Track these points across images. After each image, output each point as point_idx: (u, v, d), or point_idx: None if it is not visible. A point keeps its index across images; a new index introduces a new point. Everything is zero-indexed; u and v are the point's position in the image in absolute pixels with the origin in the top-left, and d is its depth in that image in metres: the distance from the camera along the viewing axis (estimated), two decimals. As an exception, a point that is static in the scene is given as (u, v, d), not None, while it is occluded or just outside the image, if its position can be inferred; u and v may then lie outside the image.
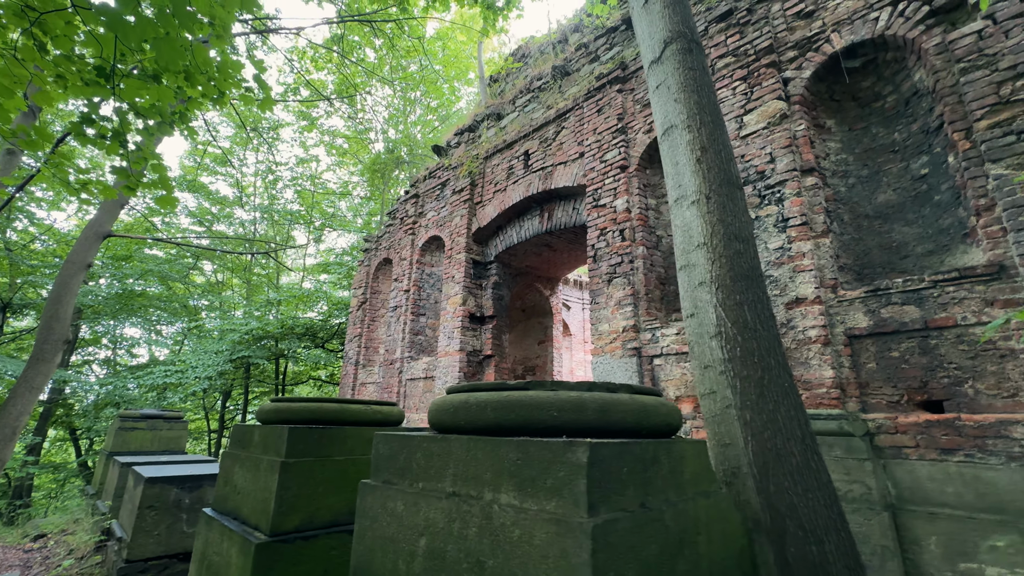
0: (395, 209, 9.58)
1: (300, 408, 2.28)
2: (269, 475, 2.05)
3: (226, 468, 2.46)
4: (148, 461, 5.16)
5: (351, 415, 2.35)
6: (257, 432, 2.33)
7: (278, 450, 2.09)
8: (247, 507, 2.15)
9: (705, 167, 1.84)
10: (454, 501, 1.09)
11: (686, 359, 4.48)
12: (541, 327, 8.64)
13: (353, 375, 9.19)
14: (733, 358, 1.57)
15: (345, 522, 2.16)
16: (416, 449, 1.28)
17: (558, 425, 1.08)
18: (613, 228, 5.34)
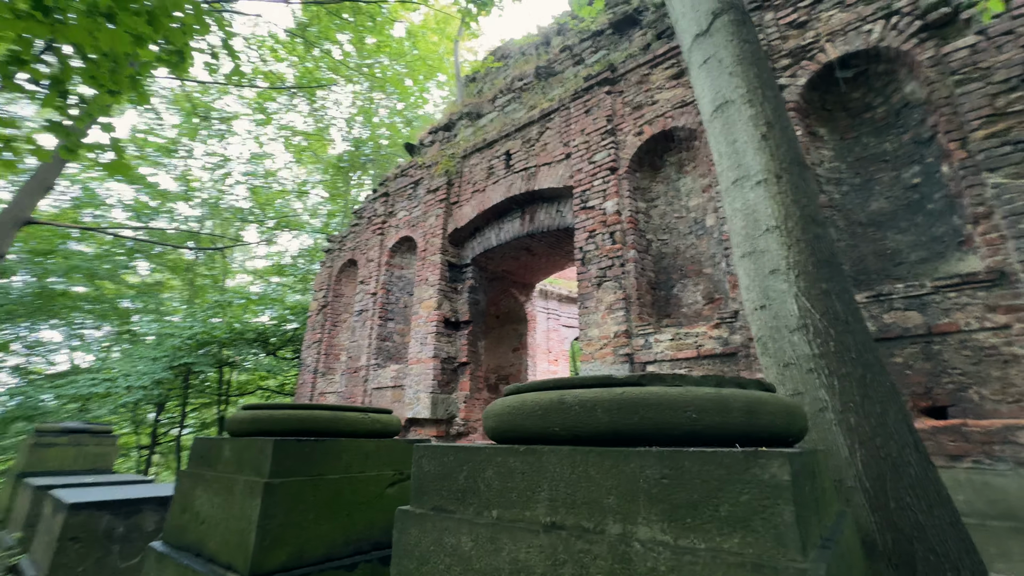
0: (362, 208, 9.07)
1: (284, 416, 1.88)
2: (247, 500, 1.64)
3: (184, 491, 2.00)
4: (70, 483, 4.41)
5: (347, 425, 1.97)
6: (228, 447, 1.90)
7: (259, 468, 1.69)
8: (215, 540, 1.72)
9: (773, 144, 1.67)
10: (557, 536, 0.79)
11: (680, 366, 4.34)
12: (516, 334, 8.36)
13: (311, 384, 8.52)
14: (825, 353, 1.38)
15: (341, 556, 1.78)
16: (485, 465, 0.97)
17: (697, 431, 0.81)
18: (603, 231, 5.17)
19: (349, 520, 1.84)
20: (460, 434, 6.51)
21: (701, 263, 4.89)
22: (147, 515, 3.55)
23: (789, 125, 1.77)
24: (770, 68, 1.91)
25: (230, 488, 1.75)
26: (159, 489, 3.94)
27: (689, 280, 4.94)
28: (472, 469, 1.00)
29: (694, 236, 5.02)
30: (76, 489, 3.83)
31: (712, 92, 1.88)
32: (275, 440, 1.69)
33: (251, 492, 1.64)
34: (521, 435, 0.98)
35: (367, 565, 1.80)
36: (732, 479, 0.68)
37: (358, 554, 1.83)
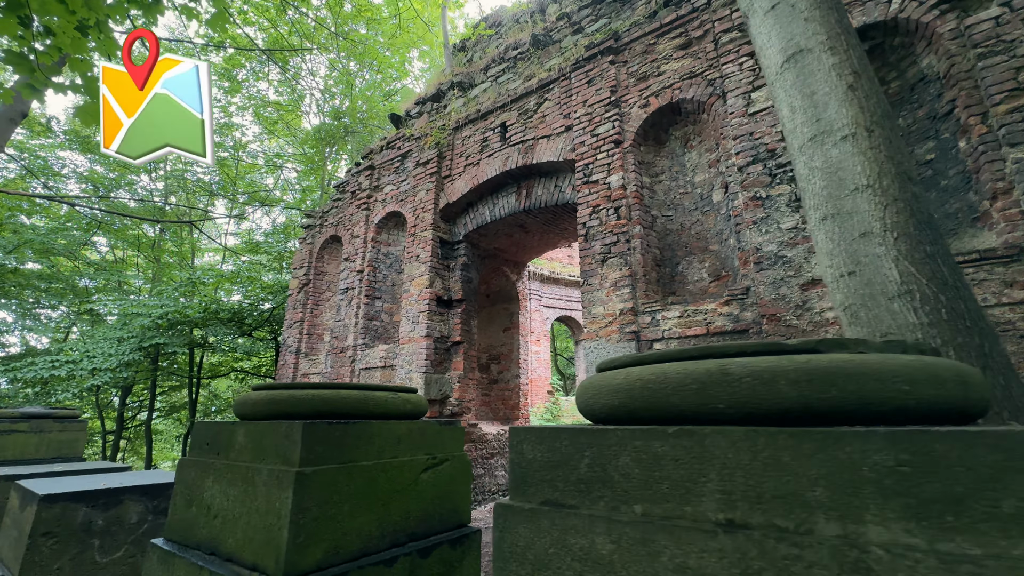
0: (345, 182, 8.64)
1: (307, 397, 1.67)
2: (274, 491, 1.43)
3: (189, 482, 1.77)
4: (37, 472, 4.05)
5: (377, 405, 1.77)
6: (241, 432, 1.67)
7: (285, 455, 1.48)
8: (235, 538, 1.51)
9: (861, 95, 1.52)
10: (743, 538, 0.64)
11: (689, 343, 4.27)
12: (507, 313, 8.20)
13: (293, 365, 8.17)
14: (936, 322, 1.26)
15: (378, 549, 1.60)
16: (618, 451, 0.80)
17: (909, 407, 0.67)
18: (607, 206, 5.02)
19: (385, 511, 1.65)
20: (454, 414, 6.36)
21: (707, 240, 4.80)
22: (129, 506, 3.27)
23: (874, 75, 1.63)
24: (847, 15, 1.76)
25: (249, 478, 1.53)
26: (140, 477, 3.64)
27: (694, 257, 4.86)
28: (598, 455, 0.83)
29: (700, 212, 4.92)
30: (45, 480, 3.50)
31: (782, 40, 1.72)
32: (304, 423, 1.48)
33: (279, 483, 1.43)
34: (663, 414, 0.81)
35: (406, 559, 1.63)
36: (1018, 466, 0.54)
37: (395, 546, 1.66)
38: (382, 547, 1.61)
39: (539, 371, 14.43)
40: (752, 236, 4.03)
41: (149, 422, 11.43)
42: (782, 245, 3.86)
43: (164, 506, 3.45)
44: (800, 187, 1.73)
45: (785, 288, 3.77)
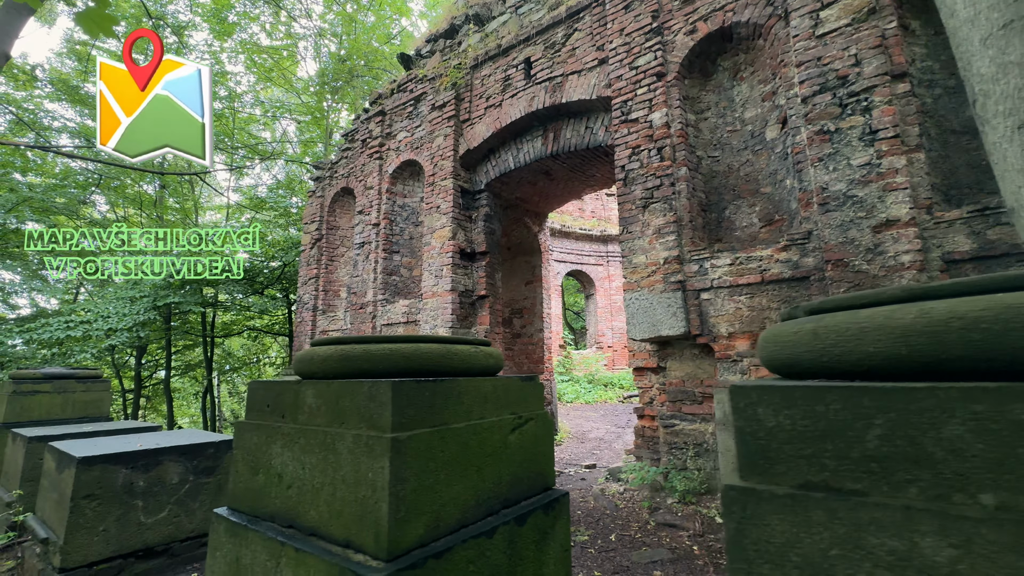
0: (354, 130, 8.14)
1: (385, 353, 1.43)
2: (365, 460, 1.23)
3: (252, 448, 1.57)
4: (69, 433, 3.94)
5: (461, 361, 1.54)
6: (310, 392, 1.46)
7: (373, 419, 1.27)
8: (317, 510, 1.32)
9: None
10: None
11: (741, 292, 4.03)
12: (528, 266, 7.94)
13: (311, 322, 8.02)
14: None
15: (475, 519, 1.42)
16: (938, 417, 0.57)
17: None
18: (649, 146, 4.63)
19: (479, 477, 1.46)
20: (481, 370, 6.23)
21: (758, 182, 4.45)
22: (169, 467, 3.16)
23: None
24: None
25: (329, 445, 1.33)
26: (175, 438, 3.53)
27: (743, 201, 4.53)
28: (901, 423, 0.60)
29: (750, 152, 4.54)
30: (78, 441, 3.38)
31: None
32: (394, 383, 1.25)
33: (369, 451, 1.22)
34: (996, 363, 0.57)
35: (505, 528, 1.46)
36: None
37: (490, 515, 1.49)
38: (478, 516, 1.43)
39: (552, 326, 14.33)
40: (817, 174, 3.69)
41: (167, 381, 11.48)
42: (852, 184, 3.53)
43: (204, 466, 3.34)
44: (979, 91, 1.42)
45: (854, 231, 3.48)
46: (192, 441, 3.35)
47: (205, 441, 3.38)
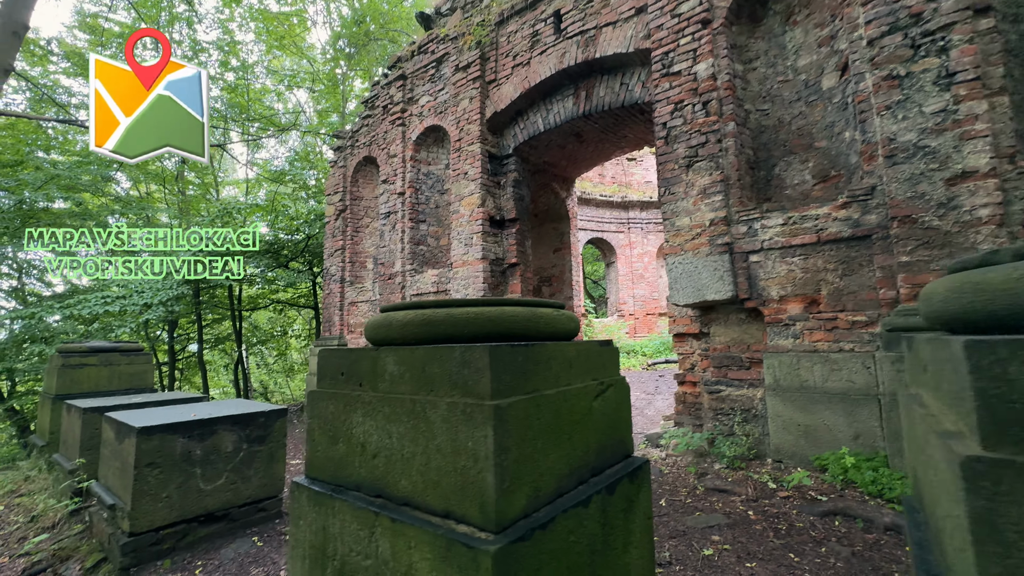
0: (373, 96, 7.91)
1: (471, 316, 1.35)
2: (464, 428, 1.16)
3: (330, 417, 1.53)
4: (121, 404, 4.03)
5: (546, 324, 1.45)
6: (391, 359, 1.39)
7: (468, 387, 1.19)
8: (409, 480, 1.27)
9: None
10: None
11: (794, 253, 3.84)
12: (556, 233, 7.78)
13: (339, 294, 8.05)
14: None
15: (569, 489, 1.36)
16: None
17: None
18: (693, 100, 4.37)
19: (570, 445, 1.39)
20: (514, 338, 6.19)
21: (812, 136, 4.18)
22: (223, 436, 3.20)
23: None
24: None
25: (419, 414, 1.26)
26: (226, 407, 3.57)
27: (795, 157, 4.27)
28: None
29: (803, 103, 4.25)
30: (133, 412, 3.43)
31: None
32: (491, 347, 1.17)
33: (468, 419, 1.15)
34: None
35: (598, 497, 1.40)
36: None
37: (580, 484, 1.43)
38: (572, 486, 1.37)
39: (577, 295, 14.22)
40: (884, 124, 3.43)
41: (200, 353, 11.77)
42: (924, 133, 3.27)
43: (256, 435, 3.37)
44: None
45: (925, 184, 3.24)
46: (243, 411, 3.38)
47: (255, 411, 3.41)
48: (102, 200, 12.49)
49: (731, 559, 2.57)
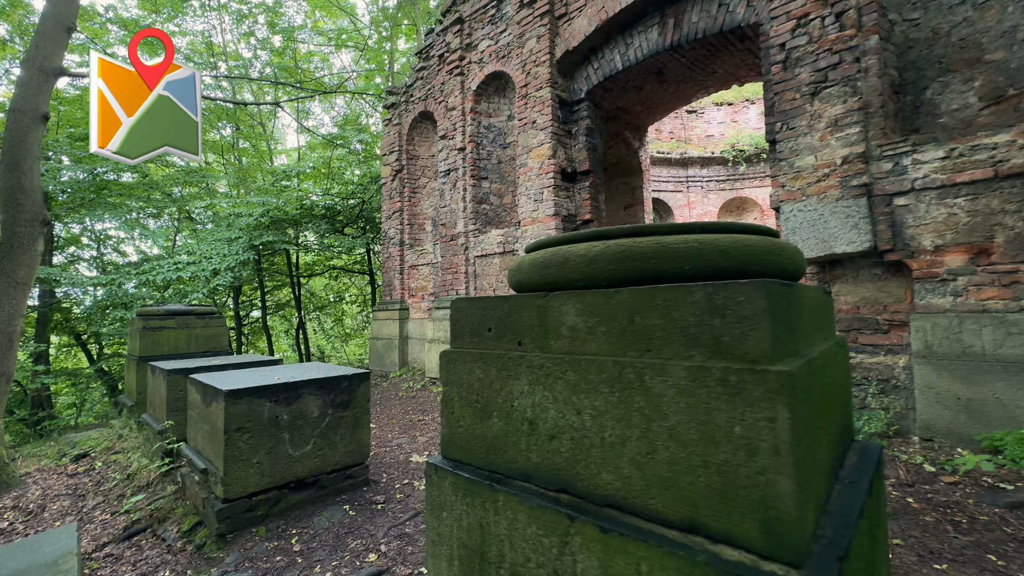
0: (428, 45, 7.41)
1: (692, 247, 0.93)
2: (727, 406, 0.78)
3: (477, 385, 1.19)
4: (202, 366, 3.97)
5: (788, 259, 1.02)
6: (571, 308, 1.01)
7: (726, 345, 0.80)
8: (619, 475, 0.91)
9: None
10: None
11: (958, 193, 3.15)
12: (627, 188, 7.17)
13: (399, 257, 7.86)
14: None
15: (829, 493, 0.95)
16: None
17: None
18: (821, 13, 3.62)
19: (830, 429, 0.99)
20: (588, 301, 5.77)
21: (982, 47, 3.38)
22: (309, 400, 3.02)
23: None
24: None
25: (631, 382, 0.89)
26: (308, 371, 3.39)
27: (954, 76, 3.49)
28: None
29: (969, 7, 3.42)
30: (216, 374, 3.31)
31: None
32: (765, 284, 0.75)
33: (735, 392, 0.76)
34: None
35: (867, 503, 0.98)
36: None
37: (836, 483, 1.01)
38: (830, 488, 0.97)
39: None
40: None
41: (265, 318, 12.15)
42: None
43: (340, 400, 3.18)
44: None
45: None
46: (326, 375, 3.18)
47: (339, 375, 3.20)
48: (166, 171, 12.84)
49: (911, 557, 2.12)
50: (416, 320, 7.58)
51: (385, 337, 7.81)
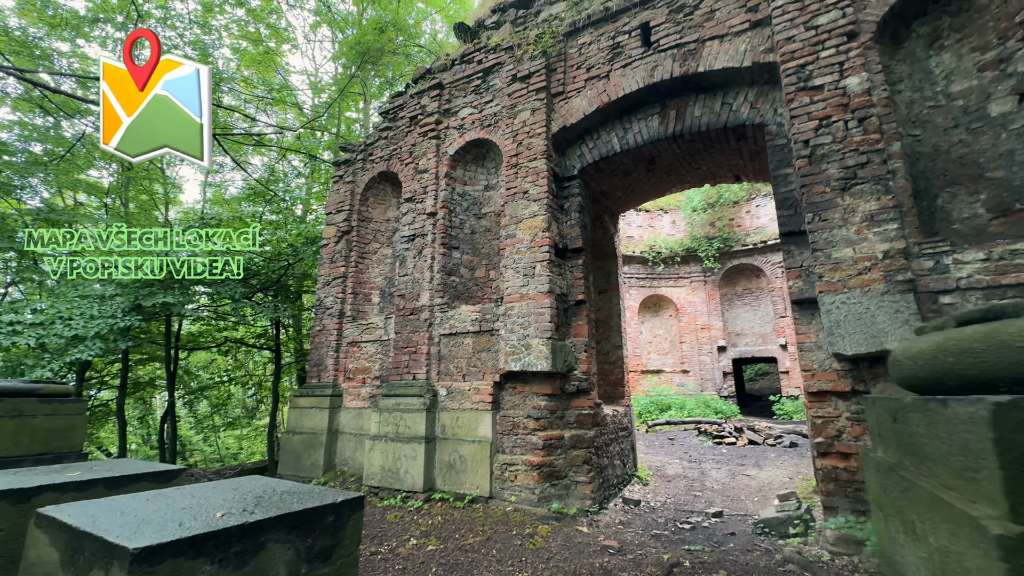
0: (398, 106, 6.95)
1: None
2: None
3: None
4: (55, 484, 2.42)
5: None
6: None
7: None
8: None
9: None
10: None
11: (1003, 295, 3.15)
12: (602, 272, 6.90)
13: (336, 331, 6.56)
14: None
15: None
16: None
17: None
18: (845, 117, 3.78)
19: None
20: (579, 392, 5.05)
21: (980, 165, 3.67)
22: (274, 552, 1.80)
23: None
24: None
25: None
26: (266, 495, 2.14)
27: (960, 188, 3.73)
28: None
29: (963, 131, 3.77)
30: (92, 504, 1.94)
31: None
32: None
33: None
34: None
35: None
36: None
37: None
38: None
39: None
40: (1120, 147, 2.91)
41: (122, 402, 9.37)
42: None
43: (321, 547, 2.00)
44: None
45: None
46: (304, 506, 1.99)
47: (321, 504, 2.03)
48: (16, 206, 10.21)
49: None
50: (352, 410, 6.16)
51: (307, 431, 6.20)
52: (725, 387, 16.11)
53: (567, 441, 4.88)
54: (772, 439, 9.03)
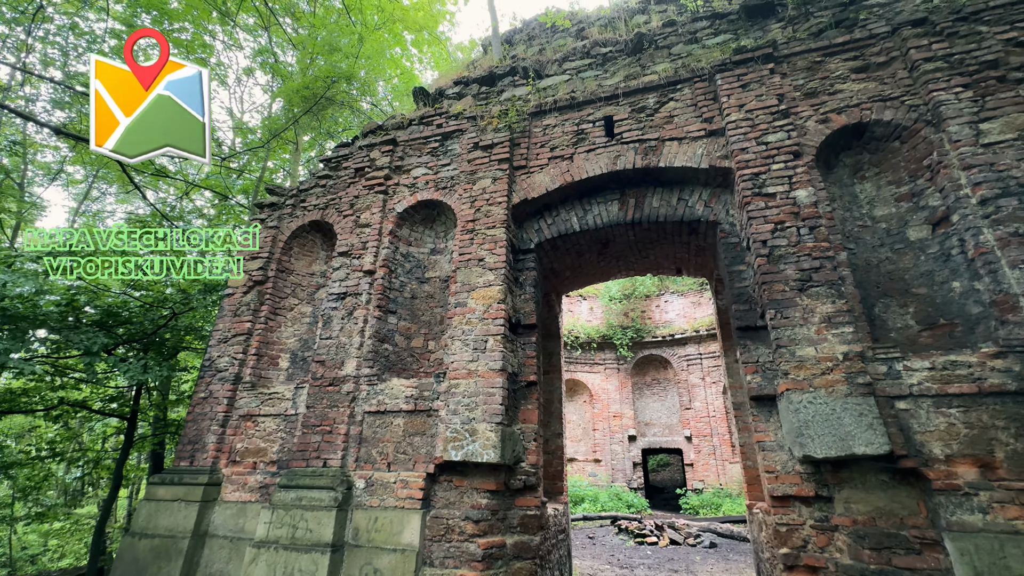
0: (343, 156, 6.47)
1: None
2: None
3: None
4: None
5: None
6: None
7: None
8: None
9: None
10: None
11: (950, 404, 3.30)
12: (546, 353, 6.55)
13: (227, 400, 5.33)
14: None
15: None
16: None
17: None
18: (797, 224, 4.06)
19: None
20: (526, 488, 4.42)
21: (906, 282, 4.07)
22: None
23: None
24: None
25: None
26: None
27: (892, 300, 4.07)
28: None
29: (888, 250, 4.22)
30: None
31: None
32: None
33: None
34: None
35: None
36: None
37: None
38: None
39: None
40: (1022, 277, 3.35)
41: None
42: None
43: None
44: None
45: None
46: None
47: None
48: None
49: None
50: (233, 504, 4.83)
51: (163, 533, 4.69)
52: (635, 478, 15.99)
53: (509, 550, 4.14)
54: (692, 538, 8.81)
